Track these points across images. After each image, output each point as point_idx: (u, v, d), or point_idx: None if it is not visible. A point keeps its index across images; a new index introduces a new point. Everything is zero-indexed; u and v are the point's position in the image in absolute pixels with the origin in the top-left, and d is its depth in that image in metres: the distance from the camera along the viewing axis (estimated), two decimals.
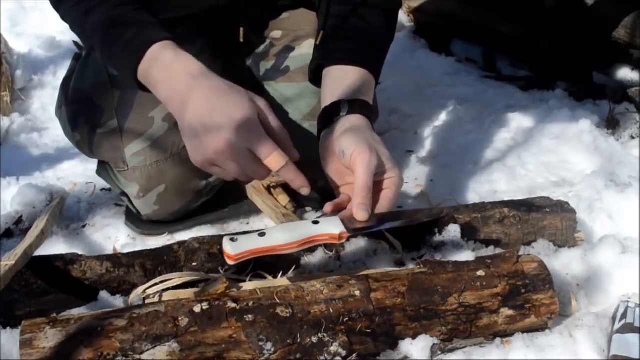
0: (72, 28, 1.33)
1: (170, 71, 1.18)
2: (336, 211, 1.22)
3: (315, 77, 1.40)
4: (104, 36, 1.24)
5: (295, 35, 1.61)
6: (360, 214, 1.17)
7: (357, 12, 1.38)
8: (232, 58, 1.67)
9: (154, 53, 1.19)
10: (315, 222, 1.18)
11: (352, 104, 1.28)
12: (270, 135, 1.17)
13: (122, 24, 1.22)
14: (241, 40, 1.51)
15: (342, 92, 1.30)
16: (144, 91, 1.23)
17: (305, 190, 1.20)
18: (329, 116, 1.29)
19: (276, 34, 1.63)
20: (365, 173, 1.18)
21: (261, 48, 1.64)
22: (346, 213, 1.21)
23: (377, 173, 1.20)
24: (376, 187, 1.22)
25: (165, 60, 1.18)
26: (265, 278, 1.27)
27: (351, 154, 1.20)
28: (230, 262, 1.13)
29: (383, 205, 1.22)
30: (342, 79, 1.32)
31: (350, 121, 1.26)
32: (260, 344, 1.07)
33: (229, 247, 1.13)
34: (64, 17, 1.33)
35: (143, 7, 1.26)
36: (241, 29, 1.50)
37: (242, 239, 1.14)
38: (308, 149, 1.53)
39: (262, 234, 1.15)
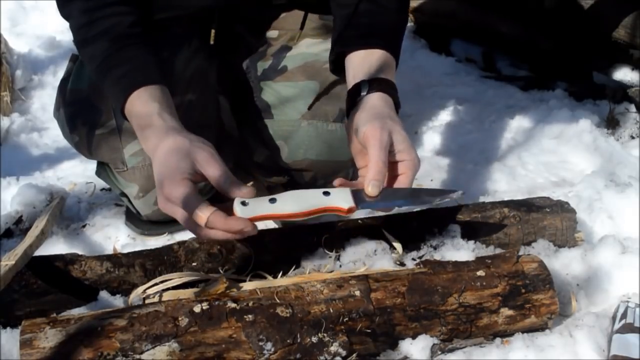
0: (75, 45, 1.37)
1: (142, 127, 1.24)
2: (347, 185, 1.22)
3: (336, 67, 1.41)
4: (98, 71, 1.30)
5: (292, 35, 1.61)
6: (371, 190, 1.16)
7: None
8: (228, 58, 1.67)
9: (136, 97, 1.24)
10: (326, 193, 1.17)
11: (372, 83, 1.28)
12: (213, 182, 1.16)
13: (114, 61, 1.27)
14: (211, 42, 1.52)
15: (362, 74, 1.31)
16: None
17: (243, 235, 1.16)
18: (352, 99, 1.30)
19: (273, 33, 1.62)
20: (377, 148, 1.17)
21: (258, 48, 1.64)
22: (359, 186, 1.20)
23: (392, 153, 1.20)
24: (392, 170, 1.21)
25: (142, 108, 1.24)
26: (265, 278, 1.26)
27: (364, 131, 1.20)
28: None
29: None
30: (362, 62, 1.33)
31: (370, 100, 1.27)
32: (260, 344, 1.07)
33: (239, 211, 1.13)
34: (70, 24, 1.37)
35: (139, 36, 1.31)
36: (212, 31, 1.51)
37: (252, 203, 1.14)
38: (307, 148, 1.54)
39: (272, 200, 1.15)
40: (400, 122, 1.25)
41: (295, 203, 1.16)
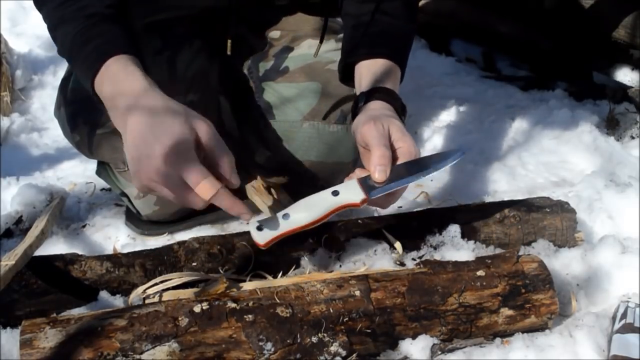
0: (49, 33, 1.28)
1: (117, 88, 1.13)
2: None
3: (345, 76, 1.43)
4: (70, 49, 1.21)
5: (294, 36, 1.61)
6: (378, 175, 1.16)
7: (378, 8, 1.39)
8: (230, 58, 1.67)
9: (106, 68, 1.14)
10: (335, 193, 1.17)
11: (370, 93, 1.30)
12: (211, 160, 1.10)
13: (85, 36, 1.19)
14: (228, 52, 1.50)
15: (365, 84, 1.32)
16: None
17: (245, 217, 1.13)
18: (354, 110, 1.32)
19: (275, 34, 1.63)
20: (376, 137, 1.18)
21: (260, 48, 1.64)
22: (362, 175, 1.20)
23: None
24: None
25: (114, 76, 1.14)
26: (265, 278, 1.27)
27: (360, 131, 1.21)
28: (262, 248, 1.15)
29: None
30: (366, 72, 1.35)
31: (366, 108, 1.28)
32: (260, 344, 1.07)
33: (257, 237, 1.14)
34: (45, 20, 1.29)
35: (113, 16, 1.22)
36: (229, 41, 1.49)
37: (267, 226, 1.15)
38: (307, 149, 1.54)
39: (285, 216, 1.15)
40: (394, 115, 1.25)
41: (308, 212, 1.16)
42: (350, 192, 1.17)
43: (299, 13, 1.61)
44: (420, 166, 1.21)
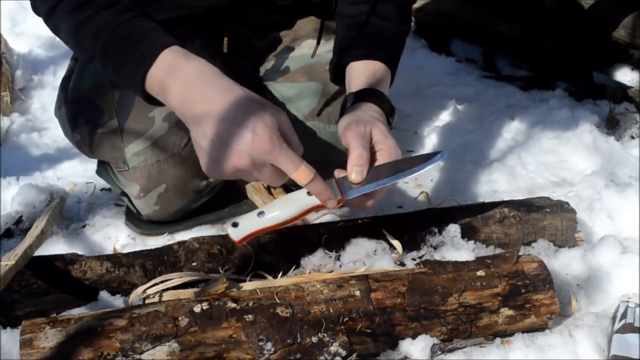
0: (66, 38, 1.25)
1: (185, 77, 1.11)
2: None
3: (336, 77, 1.43)
4: (105, 45, 1.16)
5: (295, 36, 1.61)
6: (354, 176, 1.17)
7: (372, 10, 1.40)
8: (231, 58, 1.67)
9: (164, 59, 1.12)
10: (310, 192, 1.17)
11: (358, 94, 1.30)
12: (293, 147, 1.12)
13: (125, 31, 1.15)
14: (225, 50, 1.50)
15: (355, 86, 1.32)
16: (151, 103, 1.17)
17: (331, 203, 1.15)
18: (342, 110, 1.32)
19: (275, 34, 1.63)
20: (355, 138, 1.18)
21: (261, 48, 1.64)
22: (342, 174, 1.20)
23: (370, 146, 1.20)
24: (370, 162, 1.21)
25: (178, 66, 1.12)
26: (265, 278, 1.27)
27: (343, 134, 1.21)
28: (236, 244, 1.18)
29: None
30: (357, 74, 1.35)
31: (353, 110, 1.28)
32: (260, 344, 1.07)
33: (232, 233, 1.16)
34: (55, 29, 1.25)
35: (144, 14, 1.20)
36: (225, 39, 1.50)
37: (242, 223, 1.17)
38: (308, 149, 1.54)
39: (260, 214, 1.17)
40: (381, 120, 1.25)
41: (283, 210, 1.17)
42: None
43: (300, 13, 1.61)
44: (398, 168, 1.21)
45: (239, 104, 1.09)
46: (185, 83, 1.11)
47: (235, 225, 1.17)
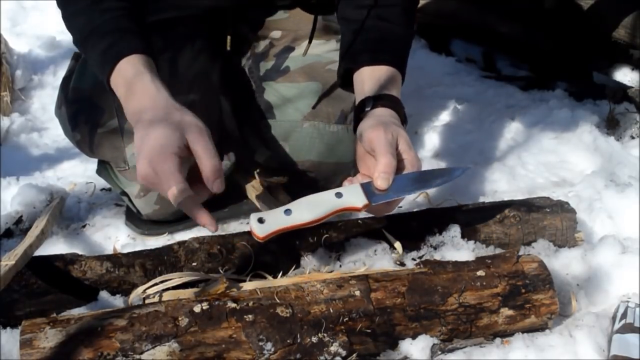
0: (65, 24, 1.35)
1: (131, 90, 1.21)
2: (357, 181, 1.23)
3: (344, 82, 1.43)
4: (84, 42, 1.28)
5: (295, 36, 1.61)
6: (380, 183, 1.17)
7: (377, 14, 1.40)
8: (232, 58, 1.67)
9: (120, 68, 1.22)
10: (339, 195, 1.18)
11: (377, 98, 1.31)
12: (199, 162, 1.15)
13: (100, 32, 1.25)
14: (228, 48, 1.51)
15: (369, 90, 1.33)
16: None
17: (211, 229, 1.18)
18: (358, 114, 1.32)
19: (276, 34, 1.63)
20: (384, 145, 1.19)
21: (261, 48, 1.64)
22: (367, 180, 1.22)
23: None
24: None
25: (127, 78, 1.21)
26: (265, 278, 1.27)
27: (369, 134, 1.22)
28: (259, 240, 1.16)
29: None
30: (369, 78, 1.35)
31: (373, 113, 1.28)
32: (260, 344, 1.07)
33: (257, 229, 1.15)
34: (60, 10, 1.35)
35: (128, 13, 1.27)
36: (228, 37, 1.51)
37: (269, 219, 1.16)
38: (308, 149, 1.54)
39: (287, 212, 1.16)
40: (401, 126, 1.26)
41: (311, 210, 1.17)
42: (353, 196, 1.18)
43: (301, 13, 1.61)
44: (422, 180, 1.23)
45: (152, 123, 1.16)
46: (131, 95, 1.21)
47: (261, 221, 1.15)
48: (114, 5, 1.27)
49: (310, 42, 1.53)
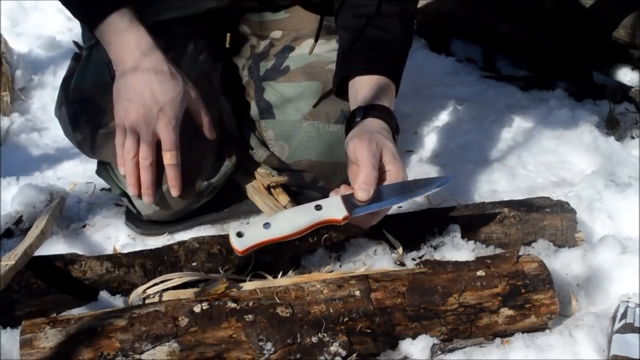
0: None
1: (123, 39, 1.34)
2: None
3: (339, 90, 1.43)
4: None
5: (295, 35, 1.61)
6: (361, 194, 1.18)
7: (375, 23, 1.40)
8: (232, 58, 1.67)
9: (111, 19, 1.33)
10: (318, 207, 1.18)
11: (367, 109, 1.31)
12: (194, 117, 1.41)
13: None
14: (227, 45, 1.53)
15: (361, 99, 1.33)
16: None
17: (173, 192, 1.43)
18: (349, 123, 1.33)
19: (276, 34, 1.63)
20: (366, 155, 1.19)
21: (261, 48, 1.64)
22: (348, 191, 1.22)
23: (380, 165, 1.21)
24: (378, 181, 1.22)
25: (120, 29, 1.34)
26: (265, 278, 1.27)
27: (353, 144, 1.22)
28: (239, 254, 1.17)
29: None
30: (362, 88, 1.35)
31: (363, 123, 1.29)
32: (260, 344, 1.07)
33: (236, 243, 1.15)
34: None
35: None
36: (228, 35, 1.52)
37: (248, 233, 1.16)
38: (308, 149, 1.54)
39: (267, 225, 1.16)
40: (391, 140, 1.26)
41: (290, 223, 1.17)
42: (333, 209, 1.18)
43: (301, 13, 1.61)
44: (404, 190, 1.22)
45: (157, 73, 1.35)
46: (122, 43, 1.35)
47: (240, 235, 1.16)
48: None
49: (316, 40, 1.53)
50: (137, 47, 1.34)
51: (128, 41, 1.34)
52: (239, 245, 1.15)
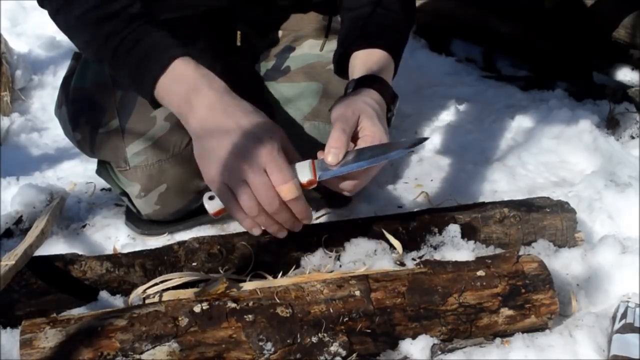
0: (71, 36, 1.30)
1: (193, 87, 1.16)
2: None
3: (339, 68, 1.43)
4: (116, 51, 1.20)
5: (296, 35, 1.62)
6: (331, 158, 1.16)
7: (376, 2, 1.41)
8: (232, 58, 1.67)
9: (175, 68, 1.17)
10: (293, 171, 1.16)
11: (359, 80, 1.30)
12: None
13: (138, 37, 1.19)
14: (238, 44, 1.52)
15: (357, 73, 1.33)
16: (155, 107, 1.22)
17: (308, 220, 1.19)
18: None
19: (276, 34, 1.63)
20: (339, 121, 1.18)
21: (262, 48, 1.64)
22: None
23: (356, 131, 1.21)
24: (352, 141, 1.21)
25: (188, 77, 1.17)
26: (265, 278, 1.27)
27: (332, 114, 1.22)
28: (213, 217, 1.19)
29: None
30: (360, 62, 1.36)
31: (350, 94, 1.28)
32: (260, 344, 1.07)
33: (208, 206, 1.17)
34: (63, 27, 1.32)
35: (155, 21, 1.23)
36: (238, 33, 1.51)
37: (218, 198, 1.17)
38: (309, 149, 1.54)
39: None
40: (375, 108, 1.24)
41: None
42: (300, 173, 1.16)
43: (301, 13, 1.61)
44: (376, 151, 1.19)
45: (244, 112, 1.14)
46: (193, 92, 1.15)
47: (211, 198, 1.17)
48: (141, 12, 1.22)
49: (327, 36, 1.55)
50: (210, 88, 1.16)
51: (199, 84, 1.16)
52: (210, 208, 1.17)
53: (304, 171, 1.16)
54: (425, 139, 1.30)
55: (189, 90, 1.16)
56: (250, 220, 1.15)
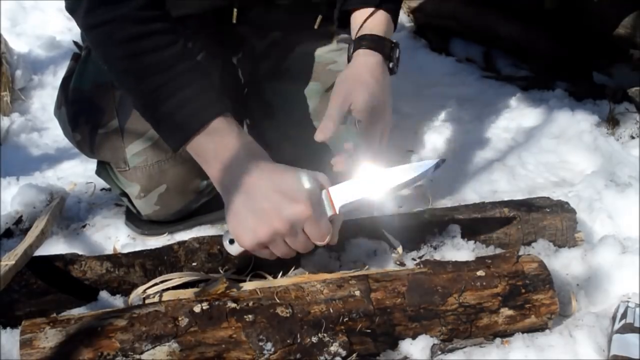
0: (104, 58, 1.23)
1: (228, 147, 1.16)
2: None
3: (341, 23, 1.51)
4: (156, 91, 1.17)
5: (296, 36, 1.61)
6: (317, 135, 1.29)
7: None
8: (232, 58, 1.67)
9: (212, 126, 1.16)
10: None
11: (358, 40, 1.40)
12: None
13: (178, 86, 1.16)
14: (234, 21, 1.52)
15: (356, 31, 1.43)
16: (175, 150, 1.21)
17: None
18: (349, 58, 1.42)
19: (276, 34, 1.63)
20: (331, 100, 1.31)
21: (261, 48, 1.64)
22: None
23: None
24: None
25: (223, 136, 1.16)
26: (265, 278, 1.27)
27: (334, 89, 1.35)
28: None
29: None
30: (358, 21, 1.44)
31: (352, 62, 1.39)
32: (260, 344, 1.07)
33: (230, 249, 1.20)
34: (95, 44, 1.25)
35: (198, 66, 1.21)
36: (234, 10, 1.51)
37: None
38: (308, 149, 1.54)
39: None
40: (371, 82, 1.35)
41: None
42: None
43: (301, 13, 1.61)
44: (390, 182, 1.20)
45: (280, 173, 1.14)
46: (227, 152, 1.15)
47: (232, 242, 1.19)
48: (183, 52, 1.19)
49: (327, 36, 1.59)
50: (241, 148, 1.16)
51: (234, 150, 1.16)
52: (232, 251, 1.20)
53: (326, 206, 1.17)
54: (443, 160, 1.26)
55: (222, 150, 1.16)
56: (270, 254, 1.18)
